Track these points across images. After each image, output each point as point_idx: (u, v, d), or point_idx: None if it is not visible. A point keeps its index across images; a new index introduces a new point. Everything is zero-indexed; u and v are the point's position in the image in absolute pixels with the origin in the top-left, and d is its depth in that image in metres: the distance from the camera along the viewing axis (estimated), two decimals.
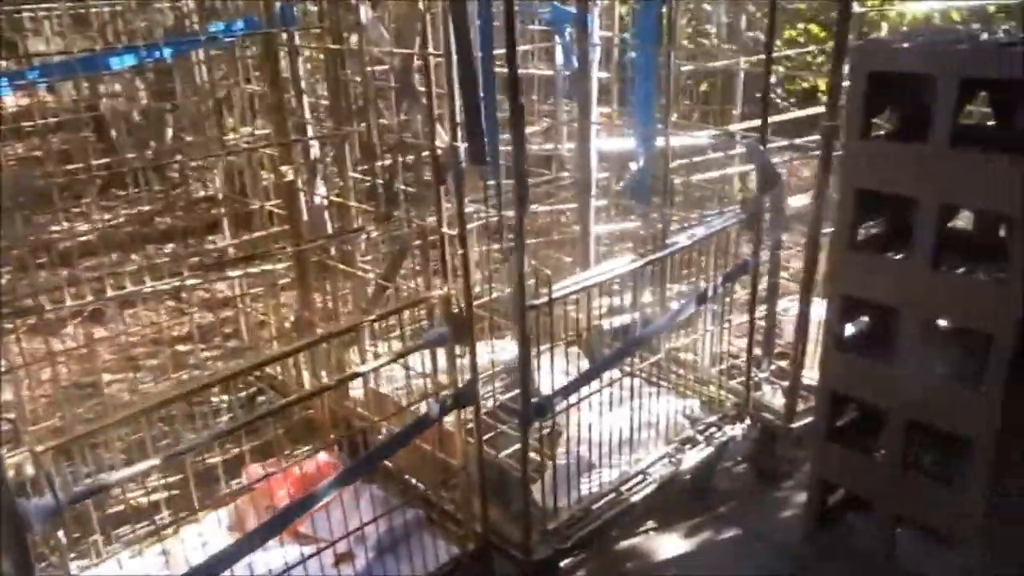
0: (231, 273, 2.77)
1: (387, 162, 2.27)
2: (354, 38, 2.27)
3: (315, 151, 2.48)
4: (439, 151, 1.95)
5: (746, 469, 2.98)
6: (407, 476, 2.56)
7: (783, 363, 3.11)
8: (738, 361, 3.07)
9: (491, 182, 2.11)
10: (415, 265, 2.27)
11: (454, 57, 1.83)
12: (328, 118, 2.50)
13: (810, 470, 2.65)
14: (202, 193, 3.30)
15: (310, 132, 2.43)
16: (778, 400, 3.01)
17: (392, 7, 2.37)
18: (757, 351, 2.90)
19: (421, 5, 1.82)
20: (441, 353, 2.11)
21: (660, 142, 3.18)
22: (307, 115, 2.42)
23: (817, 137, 3.86)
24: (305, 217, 2.42)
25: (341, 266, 2.46)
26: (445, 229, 2.02)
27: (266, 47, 2.38)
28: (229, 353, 3.62)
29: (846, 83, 2.57)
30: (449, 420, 2.17)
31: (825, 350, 2.44)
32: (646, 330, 2.42)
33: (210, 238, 3.67)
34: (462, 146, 1.90)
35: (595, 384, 2.33)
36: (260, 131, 2.95)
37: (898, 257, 2.29)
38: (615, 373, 2.46)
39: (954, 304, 2.14)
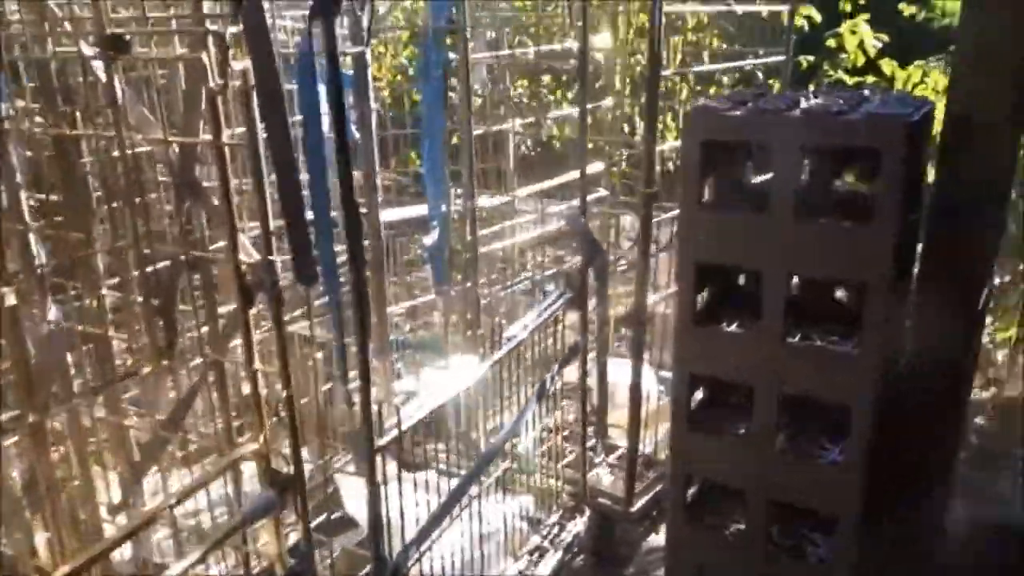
0: None
1: (160, 267, 1.72)
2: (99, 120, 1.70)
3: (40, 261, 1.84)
4: (244, 266, 1.48)
5: (586, 559, 2.74)
6: None
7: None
8: (564, 440, 2.85)
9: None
10: (210, 406, 1.73)
11: (261, 140, 1.39)
12: (58, 221, 1.87)
13: (665, 553, 2.49)
14: None
15: (33, 240, 1.78)
16: (607, 478, 2.83)
17: (158, 79, 1.82)
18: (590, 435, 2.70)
19: (212, 82, 1.34)
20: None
21: (456, 209, 2.91)
22: (27, 217, 1.77)
23: (598, 194, 3.84)
24: (33, 354, 1.77)
25: (98, 415, 1.83)
26: (258, 365, 1.54)
27: None
28: None
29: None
30: None
31: (676, 431, 2.28)
32: (494, 443, 2.09)
33: None
34: (279, 259, 1.45)
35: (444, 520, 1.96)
36: None
37: (740, 330, 2.19)
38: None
39: (808, 376, 2.07)
